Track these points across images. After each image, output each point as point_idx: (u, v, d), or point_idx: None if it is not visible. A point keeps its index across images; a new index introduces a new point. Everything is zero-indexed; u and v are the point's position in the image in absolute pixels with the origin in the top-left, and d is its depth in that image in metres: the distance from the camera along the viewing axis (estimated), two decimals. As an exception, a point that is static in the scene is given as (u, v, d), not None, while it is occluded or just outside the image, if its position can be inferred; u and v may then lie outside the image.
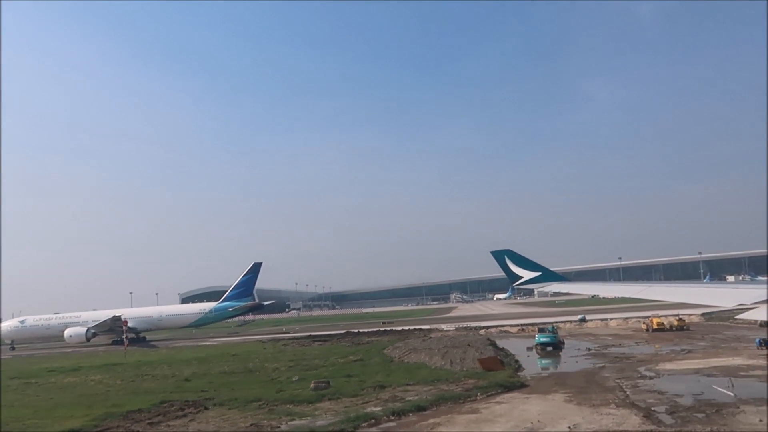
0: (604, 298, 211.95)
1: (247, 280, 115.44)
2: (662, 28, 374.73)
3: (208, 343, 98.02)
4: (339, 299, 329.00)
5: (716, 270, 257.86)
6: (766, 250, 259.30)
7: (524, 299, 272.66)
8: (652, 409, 29.34)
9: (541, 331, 64.33)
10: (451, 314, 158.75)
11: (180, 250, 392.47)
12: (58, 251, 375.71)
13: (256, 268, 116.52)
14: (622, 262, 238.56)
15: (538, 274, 32.13)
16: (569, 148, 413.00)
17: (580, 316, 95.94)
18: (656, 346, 58.79)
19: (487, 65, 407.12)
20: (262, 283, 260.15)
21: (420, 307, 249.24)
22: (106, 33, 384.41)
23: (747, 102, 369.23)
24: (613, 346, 61.29)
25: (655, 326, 72.08)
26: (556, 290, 33.20)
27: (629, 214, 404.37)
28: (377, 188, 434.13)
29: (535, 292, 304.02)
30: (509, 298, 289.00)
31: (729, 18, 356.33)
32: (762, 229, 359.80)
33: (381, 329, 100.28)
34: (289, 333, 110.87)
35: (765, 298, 13.62)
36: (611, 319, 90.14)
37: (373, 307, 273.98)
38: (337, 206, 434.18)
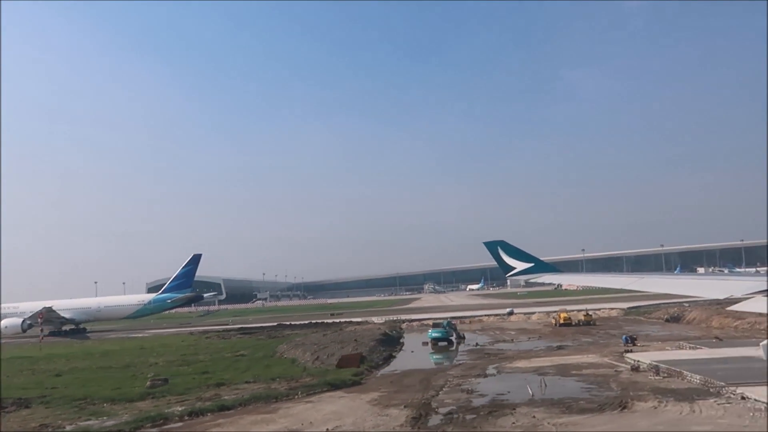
0: (565, 289, 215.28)
1: (186, 272, 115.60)
2: (650, 23, 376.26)
3: (140, 335, 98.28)
4: (315, 289, 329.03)
5: (688, 262, 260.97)
6: (739, 243, 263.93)
7: (496, 290, 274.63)
8: (438, 410, 29.94)
9: (435, 326, 65.03)
10: (410, 305, 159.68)
11: (159, 238, 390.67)
12: (39, 237, 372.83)
13: (196, 259, 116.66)
14: (586, 254, 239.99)
15: (531, 265, 32.14)
16: (556, 139, 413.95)
17: (508, 310, 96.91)
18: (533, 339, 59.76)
19: (478, 55, 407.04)
20: (231, 273, 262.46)
21: (389, 297, 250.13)
22: (96, 22, 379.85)
23: (734, 97, 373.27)
24: (505, 341, 62.18)
25: (561, 321, 72.96)
26: (548, 281, 33.46)
27: (610, 206, 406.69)
28: (361, 177, 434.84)
29: (508, 282, 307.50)
30: (482, 288, 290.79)
31: (719, 13, 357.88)
32: (730, 222, 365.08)
33: (313, 322, 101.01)
34: (232, 324, 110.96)
35: (757, 289, 13.75)
36: (535, 313, 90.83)
37: (348, 296, 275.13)
38: (318, 196, 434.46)
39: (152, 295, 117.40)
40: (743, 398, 27.58)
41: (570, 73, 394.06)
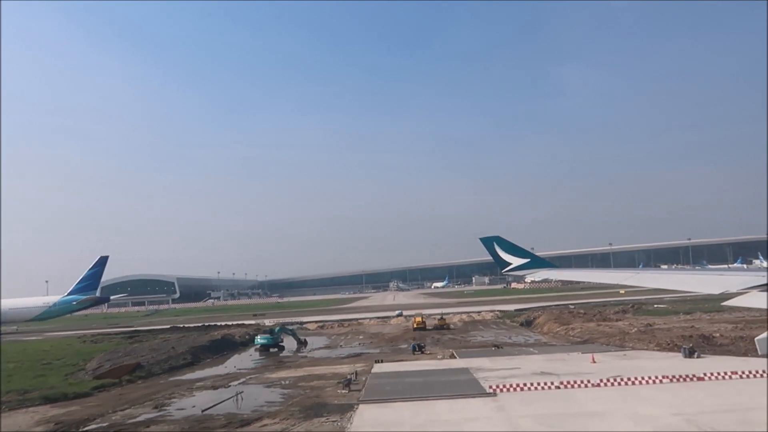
0: (513, 288, 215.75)
1: (92, 274, 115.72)
2: (639, 21, 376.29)
3: (34, 338, 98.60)
4: (283, 287, 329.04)
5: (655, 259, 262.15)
6: (686, 242, 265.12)
7: (461, 287, 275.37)
8: (84, 428, 30.45)
9: (266, 332, 65.44)
10: (350, 305, 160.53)
11: (146, 234, 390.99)
12: (35, 233, 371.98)
13: (103, 261, 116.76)
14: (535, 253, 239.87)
15: (527, 260, 32.15)
16: (536, 136, 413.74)
17: (397, 312, 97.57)
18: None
19: (470, 51, 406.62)
20: (189, 271, 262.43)
21: (344, 296, 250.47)
22: (94, 20, 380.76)
23: (718, 95, 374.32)
24: (331, 347, 62.87)
25: (415, 325, 73.35)
26: (545, 277, 33.49)
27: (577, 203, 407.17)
28: (351, 173, 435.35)
29: (473, 280, 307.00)
30: (446, 285, 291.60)
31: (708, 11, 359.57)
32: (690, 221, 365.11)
33: (205, 324, 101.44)
34: (142, 327, 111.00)
35: (752, 284, 13.74)
36: (417, 316, 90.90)
37: (314, 294, 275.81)
38: (286, 191, 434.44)
39: (57, 298, 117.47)
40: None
41: (560, 69, 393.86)
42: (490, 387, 30.51)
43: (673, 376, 30.41)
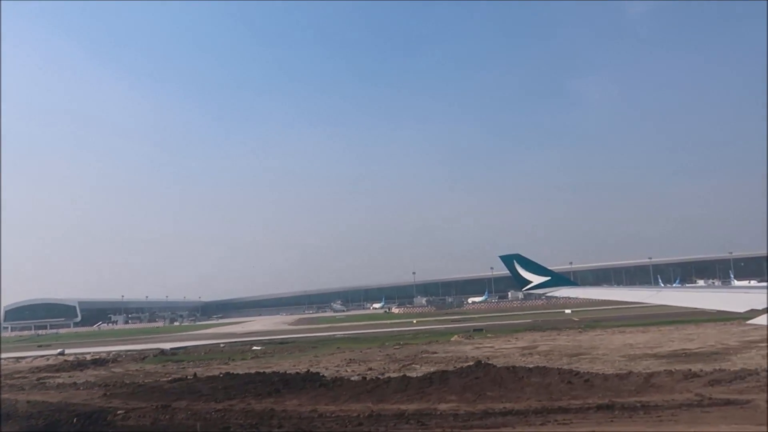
0: (395, 312, 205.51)
1: None
2: (655, 27, 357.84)
3: None
4: (230, 307, 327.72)
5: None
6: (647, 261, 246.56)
7: (399, 309, 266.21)
8: None
9: None
10: (199, 331, 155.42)
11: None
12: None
13: None
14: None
15: (548, 278, 31.04)
16: (549, 149, 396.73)
17: (59, 350, 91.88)
18: None
19: (477, 58, 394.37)
20: (89, 294, 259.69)
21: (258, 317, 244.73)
22: (95, 24, 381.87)
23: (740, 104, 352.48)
24: None
25: None
26: (566, 295, 32.63)
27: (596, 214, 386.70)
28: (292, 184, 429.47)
29: (414, 302, 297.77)
30: (383, 306, 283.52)
31: (725, 16, 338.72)
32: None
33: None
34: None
35: None
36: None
37: (260, 315, 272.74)
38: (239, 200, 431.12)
39: None
40: None
41: (574, 81, 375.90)
42: None
43: None
